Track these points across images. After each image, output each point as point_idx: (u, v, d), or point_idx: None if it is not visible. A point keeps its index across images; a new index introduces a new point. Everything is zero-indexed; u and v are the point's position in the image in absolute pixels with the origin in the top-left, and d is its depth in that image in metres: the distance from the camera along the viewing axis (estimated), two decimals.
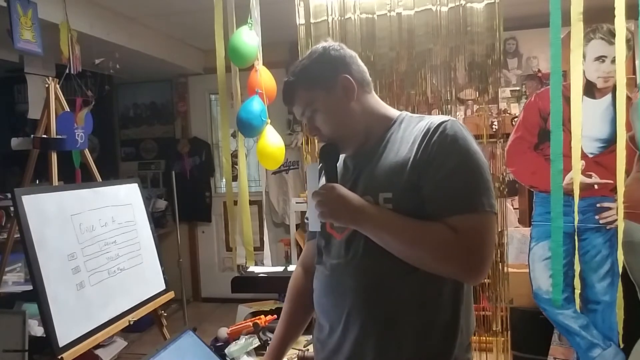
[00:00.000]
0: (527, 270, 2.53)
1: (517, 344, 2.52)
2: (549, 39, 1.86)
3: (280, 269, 2.71)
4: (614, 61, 1.99)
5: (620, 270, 2.07)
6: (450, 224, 1.02)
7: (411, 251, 1.05)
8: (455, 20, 2.12)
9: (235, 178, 2.77)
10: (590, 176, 2.35)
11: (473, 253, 1.02)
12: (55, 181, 2.39)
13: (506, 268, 2.21)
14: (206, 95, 5.15)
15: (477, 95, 2.19)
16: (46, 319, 1.82)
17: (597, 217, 2.37)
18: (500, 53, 2.10)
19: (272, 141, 2.15)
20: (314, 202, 1.09)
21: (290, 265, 2.85)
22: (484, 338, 2.23)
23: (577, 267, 2.12)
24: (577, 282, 2.13)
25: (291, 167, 4.74)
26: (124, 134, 5.36)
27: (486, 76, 2.14)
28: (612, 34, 1.97)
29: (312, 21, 2.27)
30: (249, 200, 2.43)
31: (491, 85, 2.15)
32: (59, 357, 1.80)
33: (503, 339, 2.25)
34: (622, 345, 2.27)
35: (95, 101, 2.83)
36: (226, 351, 1.86)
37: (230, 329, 1.99)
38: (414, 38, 2.18)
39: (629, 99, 2.12)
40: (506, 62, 4.03)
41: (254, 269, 2.60)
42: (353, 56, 1.19)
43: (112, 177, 4.41)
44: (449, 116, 1.16)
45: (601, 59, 2.35)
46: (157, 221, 4.60)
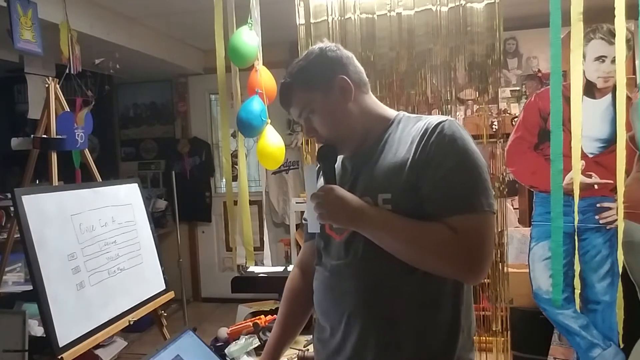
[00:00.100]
0: (527, 270, 2.53)
1: (517, 344, 2.52)
2: (549, 39, 1.86)
3: (280, 269, 2.71)
4: (614, 61, 1.99)
5: (620, 270, 2.06)
6: (450, 224, 1.02)
7: (410, 252, 1.05)
8: (455, 20, 2.12)
9: (235, 178, 2.77)
10: (590, 176, 2.35)
11: (472, 253, 1.02)
12: (55, 181, 2.39)
13: (506, 268, 2.21)
14: (206, 95, 5.15)
15: (477, 95, 2.19)
16: (46, 319, 1.82)
17: (597, 217, 2.37)
18: (500, 53, 2.10)
19: (272, 141, 2.15)
20: (313, 204, 1.09)
21: (290, 265, 2.85)
22: (484, 338, 2.23)
23: (577, 267, 2.12)
24: (577, 282, 2.13)
25: (291, 167, 4.74)
26: (124, 134, 5.36)
27: (486, 76, 2.14)
28: (612, 34, 1.97)
29: (312, 21, 2.27)
30: (249, 200, 2.43)
31: (491, 85, 2.15)
32: (59, 357, 1.80)
33: (503, 339, 2.25)
34: (622, 345, 2.27)
35: (95, 101, 2.83)
36: (226, 351, 1.86)
37: (230, 329, 1.99)
38: (414, 38, 2.18)
39: (629, 99, 2.12)
40: (506, 62, 4.03)
41: (254, 269, 2.60)
42: (350, 57, 1.19)
43: (112, 177, 4.41)
44: (447, 116, 1.16)
45: (601, 59, 2.34)
46: (157, 221, 4.60)
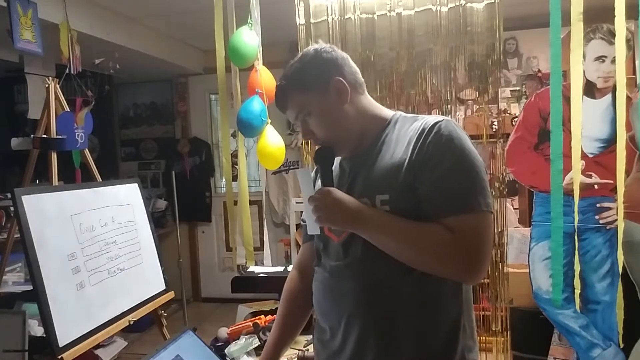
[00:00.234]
0: (527, 270, 2.53)
1: (517, 344, 2.52)
2: (549, 39, 1.86)
3: (280, 269, 2.71)
4: (614, 61, 1.99)
5: (620, 270, 2.06)
6: (447, 224, 1.02)
7: (409, 252, 1.05)
8: (455, 20, 2.12)
9: (235, 178, 2.77)
10: (590, 176, 2.35)
11: (470, 253, 1.02)
12: (55, 181, 2.39)
13: (506, 268, 2.21)
14: (206, 95, 5.15)
15: (477, 95, 2.19)
16: (46, 319, 1.82)
17: (597, 217, 2.37)
18: (500, 53, 2.10)
19: (272, 141, 2.15)
20: (311, 207, 1.09)
21: (290, 265, 2.85)
22: (484, 338, 2.23)
23: (577, 267, 2.12)
24: (577, 282, 2.13)
25: (291, 167, 4.74)
26: (124, 134, 5.36)
27: (486, 76, 2.14)
28: (612, 34, 1.97)
29: (312, 21, 2.27)
30: (249, 200, 2.43)
31: (491, 85, 2.15)
32: (59, 357, 1.80)
33: (503, 339, 2.25)
34: (622, 345, 2.27)
35: (95, 101, 2.83)
36: (226, 351, 1.86)
37: (230, 329, 1.99)
38: (414, 38, 2.18)
39: (629, 99, 2.12)
40: (506, 62, 4.03)
41: (254, 269, 2.60)
42: (345, 58, 1.18)
43: (112, 177, 4.41)
44: (444, 116, 1.16)
45: (601, 59, 2.34)
46: (157, 221, 4.60)
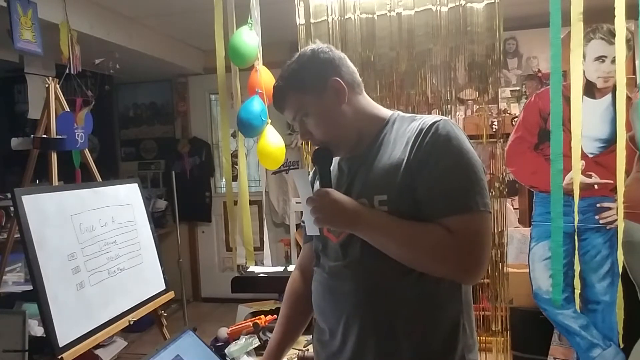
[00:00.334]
0: (527, 270, 2.53)
1: (517, 344, 2.52)
2: (549, 39, 1.87)
3: (280, 269, 2.71)
4: (614, 61, 1.99)
5: (620, 270, 2.07)
6: (446, 224, 1.01)
7: (407, 253, 1.04)
8: (455, 20, 2.12)
9: (235, 178, 2.77)
10: (590, 176, 2.35)
11: (469, 253, 1.01)
12: (55, 181, 2.39)
13: (506, 268, 2.21)
14: (206, 95, 5.15)
15: (477, 95, 2.19)
16: (46, 319, 1.82)
17: (597, 217, 2.37)
18: (500, 53, 2.10)
19: (273, 141, 2.15)
20: (309, 208, 1.09)
21: (290, 265, 2.85)
22: (484, 338, 2.23)
23: (577, 267, 2.12)
24: (577, 282, 2.13)
25: (291, 167, 4.74)
26: (124, 134, 5.36)
27: (486, 76, 2.14)
28: (612, 34, 1.97)
29: (312, 21, 2.27)
30: (249, 200, 2.43)
31: (491, 85, 2.15)
32: (59, 357, 1.80)
33: (503, 339, 2.25)
34: (622, 345, 2.27)
35: (95, 101, 2.83)
36: (226, 351, 1.86)
37: (230, 329, 1.99)
38: (414, 38, 2.18)
39: (629, 99, 2.12)
40: (506, 62, 4.03)
41: (254, 269, 2.60)
42: (342, 58, 1.18)
43: (112, 177, 4.41)
44: (441, 116, 1.15)
45: (601, 59, 2.35)
46: (157, 221, 4.60)
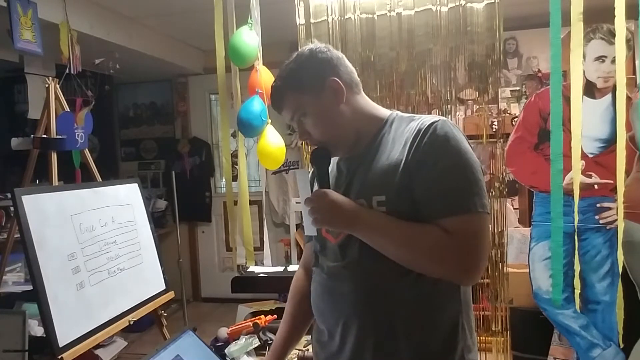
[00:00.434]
0: (527, 270, 2.53)
1: (517, 344, 2.52)
2: (549, 39, 1.87)
3: (280, 269, 2.71)
4: (614, 61, 1.99)
5: (620, 270, 2.07)
6: (443, 225, 1.01)
7: (405, 254, 1.04)
8: (455, 20, 2.13)
9: (235, 178, 2.77)
10: (590, 176, 2.35)
11: (466, 254, 1.01)
12: (55, 181, 2.39)
13: (506, 268, 2.21)
14: (206, 95, 5.15)
15: (477, 95, 2.19)
16: (46, 319, 1.81)
17: (597, 217, 2.37)
18: (500, 53, 2.11)
19: (273, 141, 2.15)
20: (308, 209, 1.09)
21: (290, 265, 2.85)
22: (484, 338, 2.23)
23: (577, 267, 2.13)
24: (577, 282, 2.13)
25: (291, 167, 4.74)
26: (124, 134, 5.36)
27: (486, 76, 2.14)
28: (612, 34, 1.97)
29: (312, 21, 2.28)
30: (249, 200, 2.43)
31: (491, 85, 2.15)
32: (59, 357, 1.80)
33: (503, 339, 2.25)
34: (622, 345, 2.27)
35: (95, 101, 2.83)
36: (226, 351, 1.86)
37: (230, 329, 1.99)
38: (414, 38, 2.18)
39: (629, 99, 2.12)
40: (506, 62, 4.03)
41: (254, 269, 2.60)
42: (340, 57, 1.17)
43: (112, 177, 4.41)
44: (440, 116, 1.15)
45: (601, 59, 2.35)
46: (157, 221, 4.60)
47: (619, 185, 1.94)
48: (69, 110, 2.56)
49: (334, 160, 1.23)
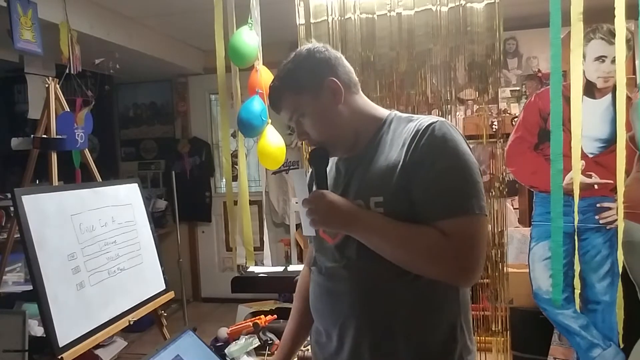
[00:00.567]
0: (527, 270, 2.53)
1: (517, 344, 2.52)
2: (549, 39, 1.87)
3: (280, 269, 2.71)
4: (614, 61, 1.99)
5: (620, 270, 2.07)
6: (441, 227, 1.01)
7: (402, 255, 1.04)
8: (455, 20, 2.13)
9: (235, 178, 2.77)
10: (590, 176, 2.35)
11: (464, 257, 1.01)
12: (55, 181, 2.39)
13: (506, 268, 2.21)
14: (206, 95, 5.15)
15: (477, 95, 2.19)
16: (46, 319, 1.82)
17: (597, 217, 2.37)
18: (500, 53, 2.10)
19: (273, 141, 2.15)
20: (305, 209, 1.09)
21: (290, 265, 2.85)
22: (483, 338, 2.23)
23: (577, 267, 2.12)
24: (577, 282, 2.13)
25: (291, 167, 4.73)
26: (124, 134, 5.36)
27: (486, 76, 2.14)
28: (612, 34, 1.97)
29: (312, 21, 2.28)
30: (249, 200, 2.43)
31: (491, 85, 2.15)
32: (59, 357, 1.80)
33: (503, 339, 2.25)
34: (622, 345, 2.27)
35: (95, 101, 2.83)
36: (226, 351, 1.86)
37: (230, 329, 1.99)
38: (414, 38, 2.18)
39: (629, 99, 2.12)
40: (506, 62, 4.03)
41: (254, 269, 2.60)
42: (338, 57, 1.17)
43: (112, 177, 4.41)
44: (438, 117, 1.15)
45: (601, 59, 2.35)
46: (157, 221, 4.60)
47: (619, 185, 1.94)
48: (69, 110, 2.56)
49: (332, 161, 1.23)
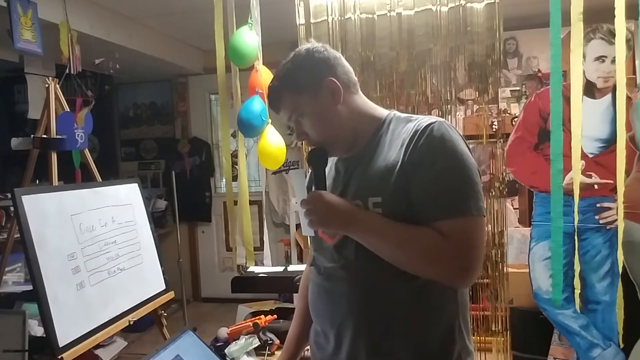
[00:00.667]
0: (527, 270, 2.53)
1: (517, 344, 2.52)
2: (549, 39, 1.87)
3: (280, 269, 2.71)
4: (614, 61, 1.99)
5: (620, 270, 2.07)
6: (438, 228, 1.00)
7: (400, 255, 1.04)
8: (455, 20, 2.13)
9: (235, 178, 2.77)
10: (590, 176, 2.35)
11: (461, 257, 1.00)
12: (55, 181, 2.39)
13: (506, 268, 2.21)
14: (206, 95, 5.15)
15: (477, 95, 2.19)
16: (46, 319, 1.81)
17: (597, 217, 2.37)
18: (500, 53, 2.11)
19: (273, 141, 2.15)
20: (304, 210, 1.09)
21: (291, 265, 2.85)
22: (483, 338, 2.23)
23: (577, 267, 2.12)
24: (577, 282, 2.13)
25: (291, 167, 4.73)
26: (124, 134, 5.36)
27: (486, 76, 2.14)
28: (612, 34, 1.97)
29: (312, 21, 2.28)
30: (249, 200, 2.43)
31: (491, 85, 2.15)
32: (59, 357, 1.80)
33: (503, 339, 2.25)
34: (622, 345, 2.27)
35: (95, 101, 2.83)
36: (226, 351, 1.86)
37: (230, 329, 1.99)
38: (414, 38, 2.18)
39: (629, 99, 2.12)
40: (506, 62, 4.03)
41: (254, 269, 2.60)
42: (337, 57, 1.16)
43: (112, 177, 4.41)
44: (437, 117, 1.14)
45: (601, 59, 2.35)
46: (157, 221, 4.60)
47: (619, 185, 1.94)
48: (69, 110, 2.56)
49: (332, 161, 1.22)
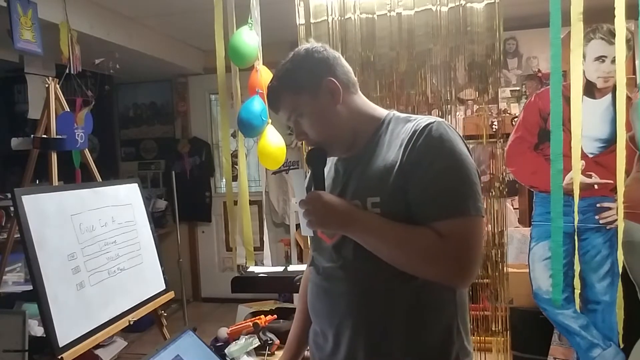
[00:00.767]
0: (527, 270, 2.53)
1: (517, 344, 2.52)
2: (549, 39, 1.87)
3: (280, 269, 2.71)
4: (614, 61, 1.99)
5: (620, 270, 2.07)
6: (437, 228, 1.00)
7: (398, 256, 1.04)
8: (455, 20, 2.13)
9: (235, 178, 2.77)
10: (590, 176, 2.35)
11: (459, 258, 1.00)
12: (55, 181, 2.39)
13: (506, 268, 2.21)
14: (206, 95, 5.15)
15: (477, 95, 2.19)
16: (46, 319, 1.81)
17: (597, 217, 2.37)
18: (500, 53, 2.11)
19: (273, 141, 2.15)
20: (302, 210, 1.09)
21: (290, 265, 2.85)
22: (483, 338, 2.23)
23: (577, 267, 2.12)
24: (577, 282, 2.13)
25: (291, 167, 4.73)
26: (124, 134, 5.36)
27: (486, 76, 2.14)
28: (612, 34, 1.97)
29: (312, 21, 2.28)
30: (249, 200, 2.43)
31: (491, 85, 2.15)
32: (59, 357, 1.80)
33: (503, 339, 2.25)
34: (622, 345, 2.27)
35: (95, 101, 2.83)
36: (226, 351, 1.86)
37: (230, 329, 1.99)
38: (414, 38, 2.18)
39: (629, 99, 2.12)
40: (506, 62, 4.03)
41: (254, 269, 2.59)
42: (337, 57, 1.16)
43: (112, 177, 4.41)
44: (436, 117, 1.14)
45: (601, 59, 2.35)
46: (157, 221, 4.60)
47: (619, 185, 1.94)
48: (69, 110, 2.56)
49: (331, 161, 1.23)
